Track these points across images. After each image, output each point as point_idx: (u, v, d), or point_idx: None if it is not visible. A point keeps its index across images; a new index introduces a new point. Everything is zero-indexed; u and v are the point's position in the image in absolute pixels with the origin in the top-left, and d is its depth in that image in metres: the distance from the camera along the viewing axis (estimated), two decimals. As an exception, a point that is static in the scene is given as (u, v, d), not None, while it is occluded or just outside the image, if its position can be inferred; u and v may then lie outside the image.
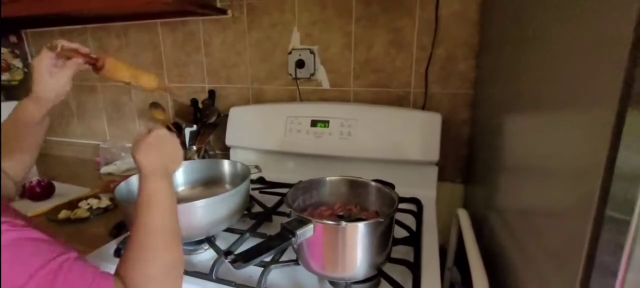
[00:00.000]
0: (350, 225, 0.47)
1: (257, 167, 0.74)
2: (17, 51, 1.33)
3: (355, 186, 0.62)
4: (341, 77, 1.01)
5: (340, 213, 0.61)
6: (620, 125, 0.25)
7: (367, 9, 0.94)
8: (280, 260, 0.60)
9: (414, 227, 0.71)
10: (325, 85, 1.04)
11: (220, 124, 1.10)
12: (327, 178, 0.62)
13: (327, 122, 0.94)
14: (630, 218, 0.25)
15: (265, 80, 1.10)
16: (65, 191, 1.01)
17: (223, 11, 1.06)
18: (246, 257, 0.41)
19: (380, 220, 0.48)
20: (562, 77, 0.37)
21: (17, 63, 1.33)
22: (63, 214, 0.83)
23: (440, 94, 0.93)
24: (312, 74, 1.03)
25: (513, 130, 0.56)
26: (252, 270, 0.57)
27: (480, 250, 0.65)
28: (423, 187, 0.89)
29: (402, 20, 0.91)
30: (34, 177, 0.97)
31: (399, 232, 0.69)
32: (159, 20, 1.16)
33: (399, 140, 0.87)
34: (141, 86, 0.63)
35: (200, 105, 1.13)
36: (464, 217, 0.70)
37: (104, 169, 1.21)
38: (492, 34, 0.74)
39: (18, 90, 1.41)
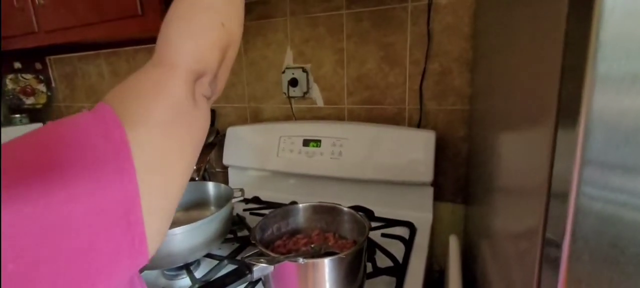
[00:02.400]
0: (310, 261, 0.45)
1: (241, 190, 0.73)
2: (41, 77, 1.43)
3: (329, 213, 0.60)
4: (335, 95, 1.00)
5: (314, 244, 0.59)
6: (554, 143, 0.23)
7: (358, 25, 0.92)
8: (252, 291, 0.59)
9: (401, 255, 0.68)
10: (320, 103, 1.02)
11: (220, 143, 1.11)
12: (300, 206, 0.61)
13: (319, 141, 0.92)
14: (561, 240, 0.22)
15: (261, 99, 1.10)
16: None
17: (219, 33, 1.08)
18: (194, 297, 0.41)
19: (342, 256, 0.46)
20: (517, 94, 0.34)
21: (41, 88, 1.43)
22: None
23: (436, 111, 0.89)
24: (306, 92, 1.02)
25: (493, 147, 0.52)
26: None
27: (472, 280, 0.61)
28: (418, 209, 0.85)
29: (393, 35, 0.89)
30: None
31: (384, 261, 0.66)
32: (162, 44, 1.21)
33: (390, 160, 0.84)
34: None
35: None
36: (453, 244, 0.66)
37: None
38: (484, 46, 0.70)
39: (42, 113, 1.53)
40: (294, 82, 1.01)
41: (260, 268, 0.45)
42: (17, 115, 1.41)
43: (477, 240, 0.64)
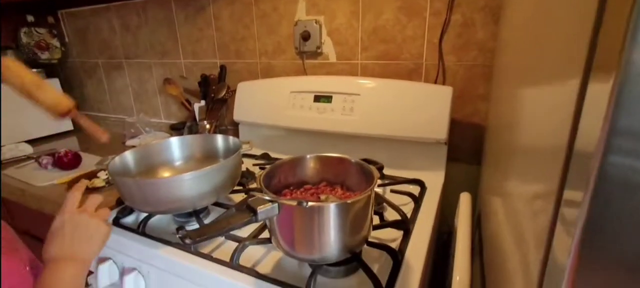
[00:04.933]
0: (315, 205, 0.44)
1: (249, 142, 0.73)
2: (54, 31, 1.43)
3: (337, 164, 0.58)
4: (348, 50, 0.95)
5: (321, 195, 0.58)
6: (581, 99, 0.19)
7: (375, -28, 0.86)
8: (259, 236, 0.59)
9: (410, 211, 0.66)
10: (332, 58, 0.98)
11: (231, 99, 1.10)
12: (307, 157, 0.59)
13: (330, 97, 0.90)
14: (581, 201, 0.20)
15: (272, 54, 1.07)
16: (91, 162, 1.09)
17: (229, -17, 1.03)
18: (198, 234, 0.41)
19: (348, 202, 0.45)
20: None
21: (55, 42, 1.44)
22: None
23: (456, 66, 0.83)
24: (319, 47, 0.98)
25: (515, 104, 0.49)
26: (230, 246, 0.57)
27: (480, 239, 0.59)
28: (430, 168, 0.82)
29: (413, -17, 0.82)
30: (62, 149, 1.05)
31: (392, 215, 0.65)
32: (172, -4, 1.18)
33: (403, 117, 0.81)
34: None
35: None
36: (465, 201, 0.63)
37: (129, 143, 1.28)
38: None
39: (58, 68, 1.54)
40: (306, 36, 0.97)
41: (265, 211, 0.44)
42: (34, 70, 1.42)
43: (491, 199, 0.62)
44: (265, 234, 0.59)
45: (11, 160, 1.13)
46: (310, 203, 0.43)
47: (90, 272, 0.68)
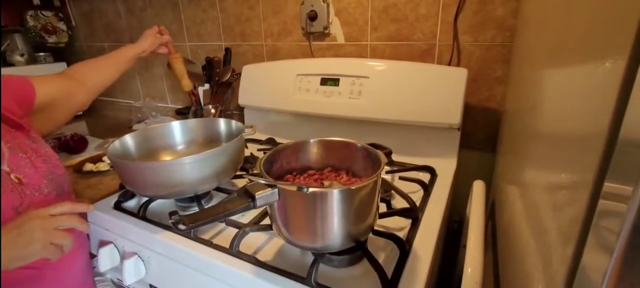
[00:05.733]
0: (317, 191, 0.41)
1: (251, 126, 0.70)
2: (61, 14, 1.42)
3: (343, 149, 0.55)
4: (358, 30, 0.91)
5: (325, 181, 0.55)
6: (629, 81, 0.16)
7: (386, -54, 0.80)
8: (260, 223, 0.57)
9: (419, 199, 0.63)
10: (340, 39, 0.94)
11: (236, 83, 1.08)
12: (311, 141, 0.56)
13: (338, 80, 0.86)
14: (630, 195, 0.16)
15: (278, 36, 1.03)
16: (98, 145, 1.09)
17: (233, -39, 0.99)
18: (192, 219, 0.39)
19: (352, 188, 0.42)
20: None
21: (62, 26, 1.43)
22: (87, 167, 0.89)
23: (471, 46, 0.78)
24: (326, 28, 0.94)
25: (538, 86, 0.44)
26: (231, 232, 0.55)
27: (494, 229, 0.56)
28: (441, 154, 0.78)
29: (427, -43, 0.77)
30: (69, 132, 1.05)
31: (400, 203, 0.62)
32: (176, -24, 1.14)
33: (414, 101, 0.77)
34: (181, 83, 0.90)
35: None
36: (478, 189, 0.60)
37: (136, 127, 1.28)
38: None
39: (65, 53, 1.54)
40: (313, 16, 0.93)
41: (264, 196, 0.42)
42: (41, 54, 1.42)
43: (507, 188, 0.58)
44: (266, 221, 0.57)
45: (20, 143, 1.14)
46: (311, 189, 0.41)
47: (93, 255, 0.68)
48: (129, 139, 0.67)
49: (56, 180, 0.62)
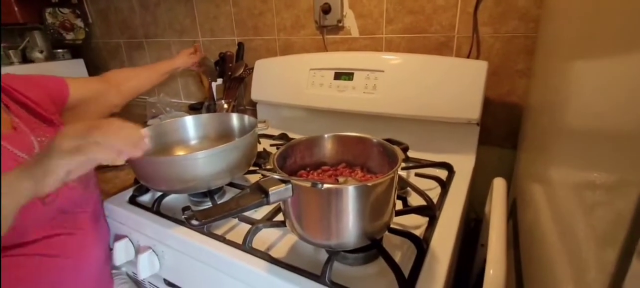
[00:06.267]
0: (332, 187, 0.40)
1: (264, 121, 0.69)
2: (78, 11, 1.45)
3: (358, 144, 0.54)
4: (372, 23, 0.88)
5: (340, 177, 0.54)
6: None
7: None
8: (273, 219, 0.56)
9: (436, 196, 0.61)
10: (355, 33, 0.92)
11: (249, 79, 1.07)
12: (326, 136, 0.55)
13: (351, 74, 0.84)
14: None
15: (291, 30, 1.02)
16: (113, 140, 1.11)
17: (246, -46, 0.98)
18: (205, 215, 0.38)
19: (368, 184, 0.40)
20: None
21: (79, 23, 1.45)
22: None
23: (492, 38, 0.75)
24: (340, 21, 0.92)
25: (567, 79, 0.41)
26: (244, 228, 0.55)
27: (519, 229, 0.54)
28: (459, 151, 0.76)
29: (446, -55, 0.74)
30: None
31: (416, 200, 0.60)
32: (189, -29, 1.14)
33: (431, 95, 0.74)
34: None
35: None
36: (499, 187, 0.57)
37: (150, 122, 1.29)
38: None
39: (83, 49, 1.57)
40: (326, 9, 0.91)
41: (278, 192, 0.41)
42: (60, 50, 1.45)
43: (530, 186, 0.55)
44: (279, 217, 0.57)
45: (40, 138, 1.17)
46: (325, 185, 0.39)
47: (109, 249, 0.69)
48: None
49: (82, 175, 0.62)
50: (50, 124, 0.64)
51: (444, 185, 0.64)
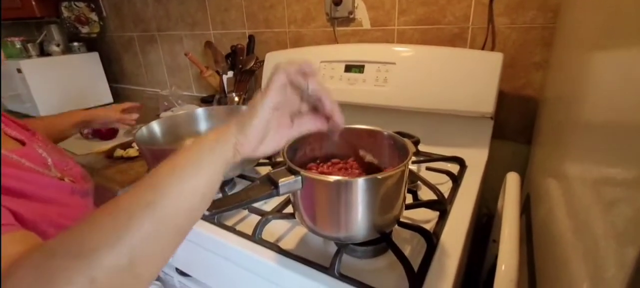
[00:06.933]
0: (342, 180, 0.40)
1: (275, 113, 0.69)
2: (92, 5, 1.47)
3: (368, 137, 0.53)
4: (384, 14, 0.87)
5: (351, 168, 0.53)
6: None
7: None
8: (283, 211, 0.57)
9: (447, 191, 0.60)
10: (366, 24, 0.91)
11: (259, 71, 1.07)
12: (335, 127, 0.54)
13: (362, 66, 0.83)
14: None
15: (302, 22, 1.01)
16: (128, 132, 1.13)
17: (257, -55, 0.97)
18: (215, 205, 0.38)
19: (379, 177, 0.40)
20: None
21: (94, 16, 1.48)
22: (117, 152, 0.93)
23: (508, 29, 0.73)
24: (351, 12, 0.91)
25: (587, 70, 0.40)
26: (254, 219, 0.55)
27: (532, 225, 0.52)
28: (471, 145, 0.74)
29: None
30: (101, 119, 1.09)
31: (427, 194, 0.59)
32: (200, -36, 1.15)
33: (444, 88, 0.73)
34: None
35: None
36: (513, 182, 0.56)
37: (163, 115, 1.31)
38: None
39: (97, 43, 1.60)
40: (337, 1, 0.90)
41: (287, 184, 0.41)
42: (75, 44, 1.48)
43: (545, 181, 0.54)
44: (289, 209, 0.57)
45: (57, 129, 1.20)
46: (335, 178, 0.39)
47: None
48: (155, 126, 0.69)
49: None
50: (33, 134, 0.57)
51: (456, 179, 0.63)
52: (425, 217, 0.55)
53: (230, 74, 1.08)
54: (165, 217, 0.29)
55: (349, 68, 0.85)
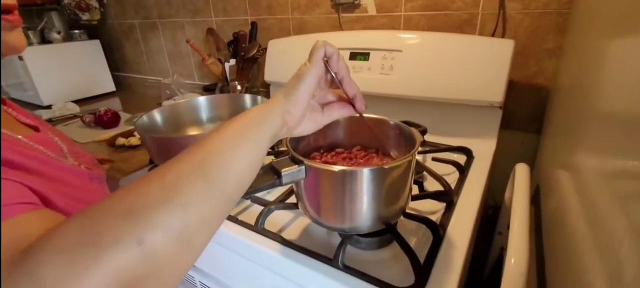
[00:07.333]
0: (347, 169, 0.39)
1: (278, 102, 0.68)
2: (93, -9, 1.45)
3: (373, 126, 0.52)
4: (390, 0, 0.84)
5: (354, 160, 0.52)
6: None
7: None
8: (286, 201, 0.56)
9: (454, 182, 0.59)
10: (371, 10, 0.88)
11: (262, 59, 1.05)
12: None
13: (367, 54, 0.81)
14: None
15: (305, 8, 0.98)
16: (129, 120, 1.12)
17: None
18: (216, 195, 0.37)
19: (385, 167, 0.39)
20: None
21: (94, 3, 1.46)
22: (119, 141, 0.92)
23: (520, 15, 0.70)
24: (356, -2, 0.88)
25: (603, 57, 0.38)
26: (256, 209, 0.54)
27: (541, 218, 0.51)
28: (479, 135, 0.73)
29: None
30: (103, 107, 1.08)
31: (433, 185, 0.58)
32: (201, -52, 1.12)
33: (452, 76, 0.70)
34: None
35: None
36: (522, 173, 0.54)
37: (165, 103, 1.30)
38: None
39: (98, 30, 1.58)
40: (342, -15, 0.87)
41: (290, 173, 0.39)
42: (76, 31, 1.47)
43: (555, 173, 0.52)
44: (292, 199, 0.56)
45: (60, 118, 1.20)
46: (340, 168, 0.38)
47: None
48: (156, 114, 0.68)
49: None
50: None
51: (463, 170, 0.62)
52: (432, 208, 0.54)
53: (232, 61, 1.06)
54: (216, 178, 0.27)
55: (353, 55, 0.83)
